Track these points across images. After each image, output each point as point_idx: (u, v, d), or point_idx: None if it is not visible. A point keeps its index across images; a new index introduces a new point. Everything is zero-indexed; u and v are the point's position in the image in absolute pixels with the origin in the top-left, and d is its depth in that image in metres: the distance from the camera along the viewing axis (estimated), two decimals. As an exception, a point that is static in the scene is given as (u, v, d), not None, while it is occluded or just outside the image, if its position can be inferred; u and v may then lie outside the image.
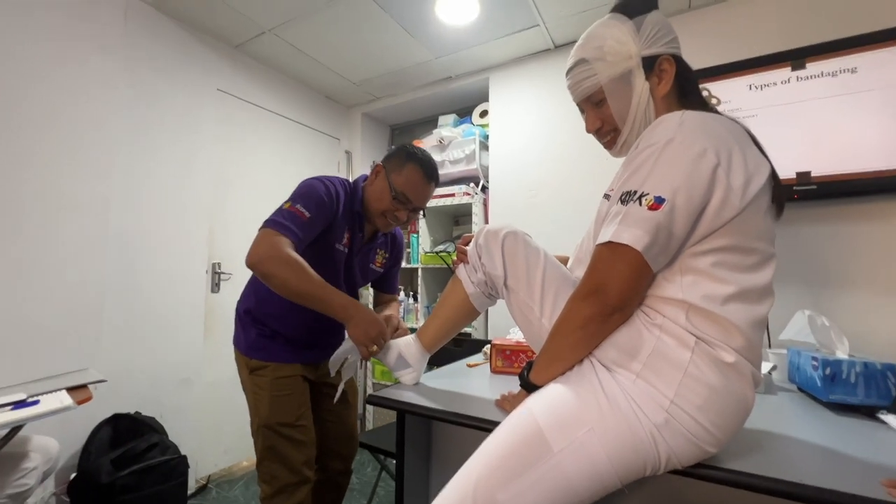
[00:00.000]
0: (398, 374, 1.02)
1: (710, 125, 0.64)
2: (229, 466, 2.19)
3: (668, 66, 0.73)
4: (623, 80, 0.74)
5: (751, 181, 0.62)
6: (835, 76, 1.48)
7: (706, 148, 0.61)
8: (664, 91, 0.74)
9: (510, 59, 2.31)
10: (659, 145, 0.63)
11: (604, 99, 0.76)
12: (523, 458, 0.62)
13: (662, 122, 0.66)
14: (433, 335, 0.98)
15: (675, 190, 0.60)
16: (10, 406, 0.95)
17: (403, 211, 1.17)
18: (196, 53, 2.05)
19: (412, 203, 1.16)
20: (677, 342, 0.61)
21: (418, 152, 1.18)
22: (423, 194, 1.18)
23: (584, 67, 0.76)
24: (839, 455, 0.68)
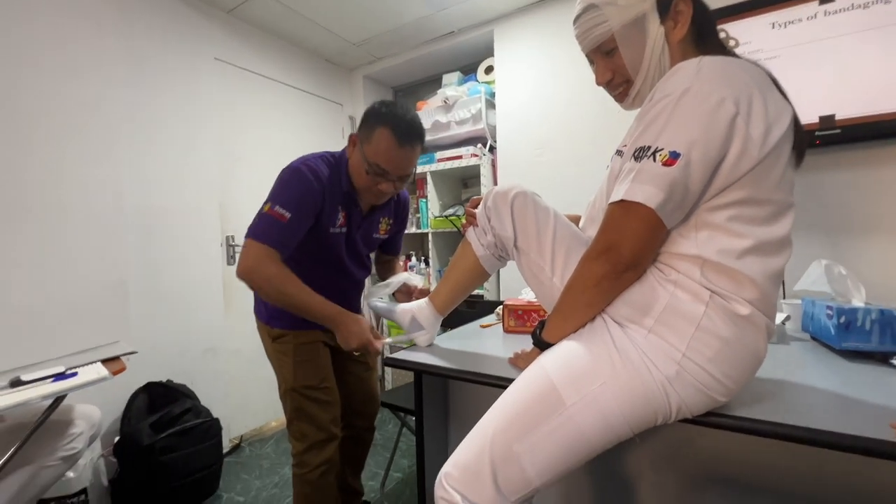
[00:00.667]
0: (412, 336, 1.05)
1: (730, 71, 0.60)
2: (259, 427, 2.32)
3: (685, 6, 0.68)
4: (636, 25, 0.69)
5: (771, 129, 0.59)
6: (867, 7, 1.37)
7: (724, 97, 0.58)
8: (680, 35, 0.69)
9: (515, 9, 2.19)
10: (674, 96, 0.60)
11: (615, 48, 0.72)
12: (538, 412, 0.65)
13: (679, 71, 0.63)
14: (445, 298, 1.00)
15: (692, 144, 0.58)
16: (52, 378, 1.01)
17: (385, 182, 1.07)
18: (190, 21, 1.98)
19: (390, 173, 1.05)
20: (692, 297, 0.61)
21: (389, 112, 1.03)
22: (399, 161, 1.05)
23: (593, 14, 0.71)
24: (850, 401, 0.69)
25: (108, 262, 1.68)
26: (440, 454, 1.15)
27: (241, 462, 2.00)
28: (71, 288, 1.58)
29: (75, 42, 1.61)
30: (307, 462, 1.18)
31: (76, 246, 1.59)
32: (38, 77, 1.51)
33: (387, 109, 1.04)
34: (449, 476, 0.67)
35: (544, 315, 1.21)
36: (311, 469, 1.18)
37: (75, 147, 1.60)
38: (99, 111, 1.67)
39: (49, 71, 1.54)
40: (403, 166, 1.06)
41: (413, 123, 1.05)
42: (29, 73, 1.49)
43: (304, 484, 1.19)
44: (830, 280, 1.03)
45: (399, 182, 1.10)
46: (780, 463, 0.81)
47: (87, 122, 1.63)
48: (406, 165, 1.07)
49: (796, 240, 1.27)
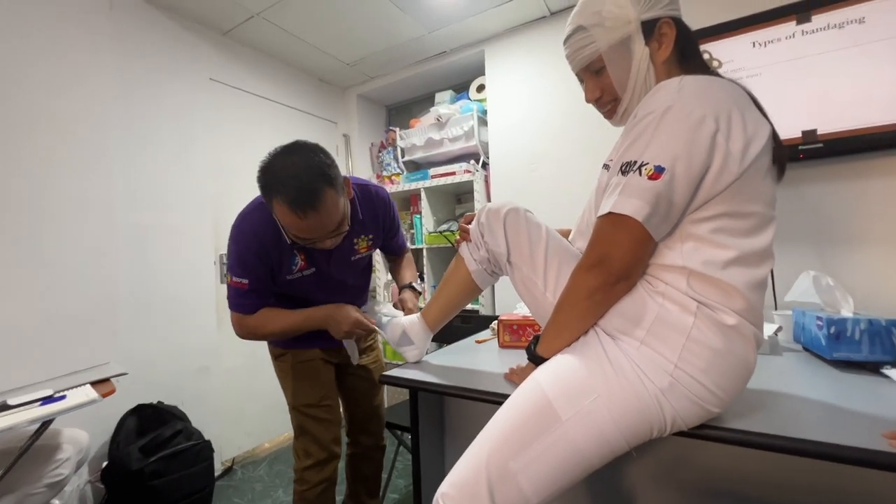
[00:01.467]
0: (401, 350, 1.05)
1: (709, 90, 0.63)
2: (252, 448, 2.27)
3: (668, 29, 0.72)
4: (622, 46, 0.72)
5: (750, 145, 0.61)
6: (842, 28, 1.43)
7: (705, 114, 0.60)
8: (664, 56, 0.72)
9: (505, 30, 2.25)
10: (657, 113, 0.63)
11: (603, 67, 0.75)
12: (533, 428, 0.65)
13: (661, 89, 0.65)
14: (436, 314, 1.01)
15: (675, 158, 0.60)
16: (39, 402, 0.99)
17: (318, 243, 0.97)
18: (185, 42, 2.01)
19: (311, 239, 0.95)
20: (680, 308, 0.62)
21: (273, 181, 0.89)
22: (306, 229, 0.91)
23: (582, 35, 0.75)
24: (842, 411, 0.69)
25: (98, 279, 1.66)
26: (437, 473, 1.13)
27: (233, 486, 1.95)
28: (59, 306, 1.55)
29: (68, 56, 1.61)
30: (307, 479, 1.19)
31: (65, 263, 1.57)
32: (30, 90, 1.51)
33: (270, 178, 0.90)
34: (446, 496, 0.67)
35: (539, 330, 1.21)
36: (311, 486, 1.19)
37: (66, 161, 1.59)
38: (91, 126, 1.66)
39: (41, 84, 1.54)
40: (318, 229, 0.93)
41: (300, 185, 0.87)
42: (20, 86, 1.49)
43: (303, 501, 1.20)
44: (819, 291, 1.04)
45: (333, 236, 0.98)
46: (777, 474, 0.81)
47: (78, 137, 1.63)
48: (320, 227, 0.93)
49: (784, 251, 1.30)
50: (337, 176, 0.94)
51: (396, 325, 1.05)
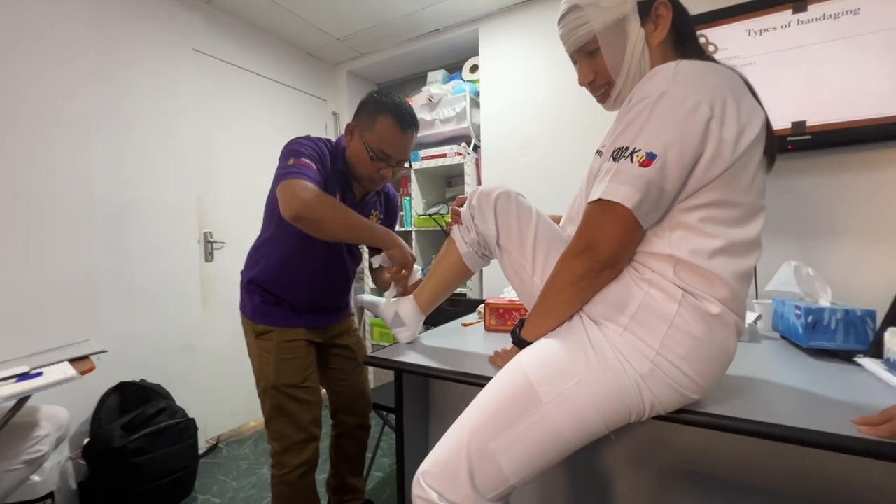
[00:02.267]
0: (395, 331, 1.05)
1: (705, 76, 0.62)
2: (238, 427, 2.28)
3: (665, 10, 0.70)
4: (617, 27, 0.70)
5: (743, 133, 0.61)
6: (837, 18, 1.42)
7: (699, 101, 0.59)
8: (660, 38, 0.71)
9: (500, 8, 2.20)
10: (651, 99, 0.62)
11: (597, 48, 0.73)
12: (514, 410, 0.65)
13: (656, 74, 0.64)
14: (428, 296, 1.01)
15: (668, 145, 0.59)
16: (15, 378, 0.97)
17: (387, 168, 1.12)
18: (167, 10, 1.93)
19: (393, 158, 1.11)
20: (665, 295, 0.63)
21: (388, 100, 1.09)
22: (401, 146, 1.11)
23: (576, 14, 0.73)
24: (816, 397, 0.71)
25: (76, 256, 1.61)
26: (421, 452, 1.14)
27: (218, 463, 1.96)
28: (37, 284, 1.51)
29: (45, 27, 1.54)
30: (286, 463, 1.17)
31: (43, 240, 1.53)
32: (5, 64, 1.44)
33: (386, 98, 1.09)
34: (426, 474, 0.67)
35: (525, 313, 1.22)
36: (290, 470, 1.16)
37: (42, 138, 1.53)
38: (69, 101, 1.60)
39: (14, 59, 1.47)
40: (404, 150, 1.12)
41: (411, 111, 1.11)
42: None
43: (282, 486, 1.17)
44: (799, 281, 1.06)
45: (398, 167, 1.14)
46: (752, 458, 0.84)
47: (56, 111, 1.57)
48: (406, 150, 1.13)
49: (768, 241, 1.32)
50: None
51: (390, 305, 1.06)
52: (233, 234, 2.21)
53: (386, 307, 1.07)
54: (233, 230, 2.21)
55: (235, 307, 1.28)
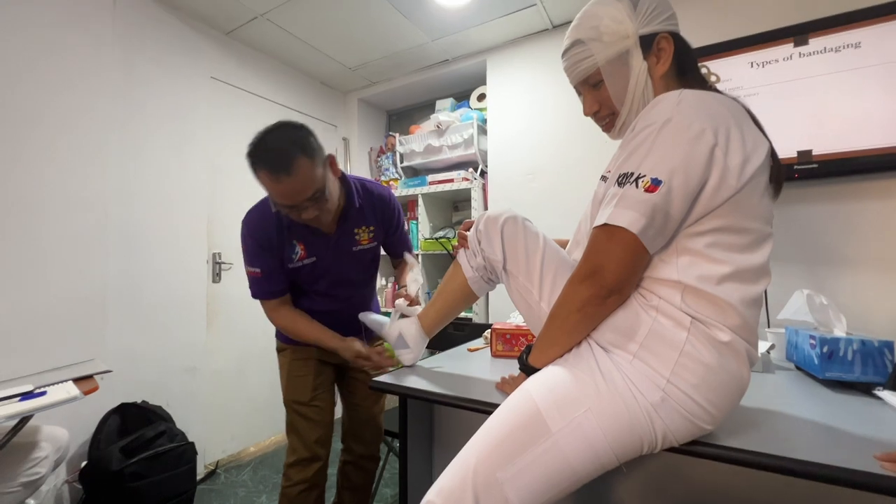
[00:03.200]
0: (397, 353, 1.05)
1: (709, 104, 0.63)
2: (237, 452, 2.23)
3: (666, 44, 0.72)
4: (620, 60, 0.72)
5: (748, 161, 0.61)
6: (838, 52, 1.45)
7: (704, 128, 0.60)
8: (662, 70, 0.72)
9: (508, 41, 2.27)
10: (656, 126, 0.62)
11: (601, 80, 0.75)
12: (522, 439, 0.63)
13: (660, 102, 0.65)
14: (433, 319, 1.01)
15: (672, 171, 0.60)
16: (18, 397, 0.96)
17: (300, 212, 1.01)
18: (188, 41, 2.01)
19: (286, 206, 1.00)
20: (673, 322, 0.62)
21: (255, 150, 0.97)
22: (283, 193, 0.97)
23: (580, 49, 0.75)
24: (834, 431, 0.69)
25: (87, 275, 1.63)
26: (425, 481, 1.11)
27: (215, 489, 1.91)
28: (46, 302, 1.52)
29: (70, 52, 1.61)
30: (290, 476, 1.20)
31: (55, 258, 1.55)
32: (31, 85, 1.51)
33: (254, 149, 0.97)
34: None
35: (532, 339, 1.20)
36: (292, 484, 1.19)
37: (60, 157, 1.58)
38: (89, 121, 1.65)
39: (42, 79, 1.53)
40: (292, 196, 0.97)
41: (275, 150, 0.95)
42: (22, 81, 1.48)
43: (283, 498, 1.20)
44: (812, 310, 1.04)
45: (312, 204, 1.00)
46: (767, 494, 0.80)
47: (76, 132, 1.62)
48: (295, 192, 0.96)
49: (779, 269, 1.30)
50: (315, 148, 1.01)
51: (394, 327, 1.05)
52: (241, 255, 2.22)
53: (390, 328, 1.07)
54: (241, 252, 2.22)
55: (240, 328, 1.30)
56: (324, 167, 1.03)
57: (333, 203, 1.09)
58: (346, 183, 1.17)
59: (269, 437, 2.39)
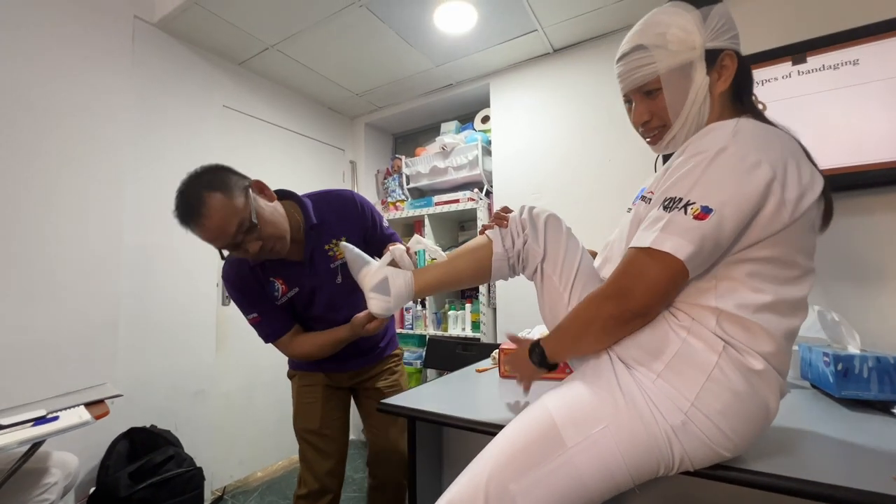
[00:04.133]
0: (370, 295, 0.90)
1: (766, 136, 0.62)
2: (244, 477, 2.20)
3: (730, 62, 0.69)
4: (683, 71, 0.69)
5: (804, 196, 0.60)
6: (837, 69, 1.47)
7: (760, 160, 0.59)
8: (723, 88, 0.70)
9: (510, 65, 2.33)
10: (710, 153, 0.61)
11: (658, 89, 0.71)
12: (536, 452, 0.63)
13: (714, 130, 0.64)
14: (431, 278, 0.88)
15: (725, 202, 0.58)
16: (31, 422, 0.97)
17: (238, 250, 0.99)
18: (201, 71, 2.09)
19: (224, 247, 0.99)
20: (705, 346, 0.60)
21: (175, 207, 0.95)
22: (209, 236, 0.95)
23: (641, 54, 0.71)
24: (853, 451, 0.67)
25: (100, 300, 1.66)
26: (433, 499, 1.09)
27: (222, 516, 1.88)
28: (59, 326, 1.55)
29: (88, 81, 1.68)
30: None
31: (70, 282, 1.58)
32: (46, 112, 1.56)
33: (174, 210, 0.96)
34: None
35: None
36: None
37: (76, 183, 1.63)
38: (104, 147, 1.71)
39: (56, 105, 1.59)
40: (220, 232, 0.94)
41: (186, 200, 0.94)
42: (37, 108, 1.54)
43: None
44: (824, 326, 1.03)
45: (246, 237, 0.97)
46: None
47: (91, 158, 1.67)
48: (220, 230, 0.94)
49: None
50: (226, 181, 0.96)
51: (379, 269, 0.90)
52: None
53: (374, 269, 0.91)
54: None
55: (247, 352, 1.30)
56: (245, 196, 0.97)
57: (278, 228, 1.01)
58: (299, 202, 1.12)
59: (277, 462, 2.36)
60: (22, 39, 1.52)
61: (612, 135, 1.99)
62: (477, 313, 2.35)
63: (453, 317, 2.42)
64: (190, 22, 1.89)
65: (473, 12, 1.89)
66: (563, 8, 1.86)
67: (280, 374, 1.35)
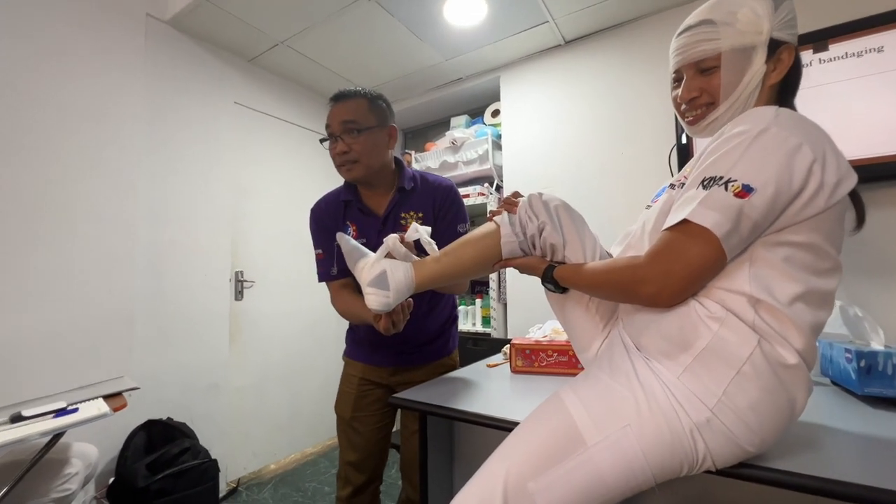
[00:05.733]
0: (367, 290, 0.84)
1: (806, 123, 0.62)
2: (258, 469, 2.24)
3: (787, 56, 0.70)
4: (745, 53, 0.68)
5: (841, 183, 0.59)
6: (860, 56, 1.42)
7: (801, 142, 0.58)
8: (775, 80, 0.70)
9: (520, 58, 2.30)
10: (752, 133, 0.60)
11: (716, 67, 0.70)
12: (555, 449, 0.62)
13: (755, 112, 0.64)
14: (432, 271, 0.84)
15: (767, 181, 0.57)
16: (53, 414, 0.99)
17: (333, 142, 1.12)
18: (213, 68, 2.11)
19: (331, 129, 1.12)
20: (738, 338, 0.58)
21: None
22: (331, 117, 1.12)
23: (708, 28, 0.70)
24: (879, 451, 0.65)
25: (116, 294, 1.69)
26: (445, 498, 1.09)
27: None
28: (78, 320, 1.59)
29: (103, 80, 1.70)
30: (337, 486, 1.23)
31: (86, 278, 1.62)
32: (61, 112, 1.59)
33: None
34: None
35: (551, 355, 1.18)
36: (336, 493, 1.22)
37: (93, 180, 1.66)
38: (119, 145, 1.74)
39: (72, 104, 1.62)
40: (334, 117, 1.11)
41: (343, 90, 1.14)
42: (53, 106, 1.57)
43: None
44: (846, 322, 1.00)
45: (344, 136, 1.09)
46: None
47: (106, 155, 1.70)
48: (335, 116, 1.10)
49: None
50: (379, 104, 1.15)
51: (379, 262, 0.86)
52: (262, 273, 2.27)
53: (371, 261, 0.86)
54: (263, 269, 2.28)
55: (261, 346, 1.30)
56: (377, 118, 1.13)
57: (368, 155, 1.12)
58: (401, 166, 1.23)
59: (290, 455, 2.40)
60: (38, 40, 1.54)
61: (625, 128, 1.96)
62: (487, 308, 2.34)
63: (463, 312, 2.42)
64: (201, 19, 1.90)
65: (483, 5, 1.86)
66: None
67: (292, 368, 1.36)
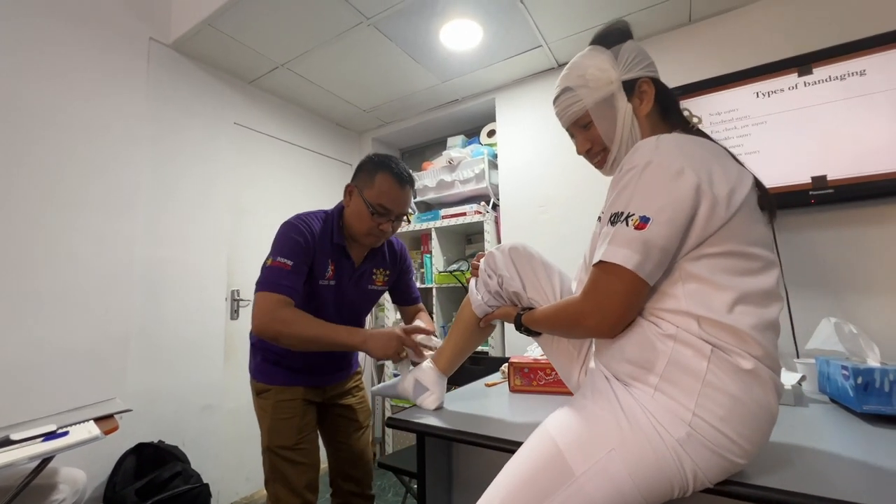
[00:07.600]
0: (419, 400, 1.02)
1: (686, 145, 0.67)
2: (251, 494, 2.18)
3: (648, 87, 0.78)
4: (607, 103, 0.78)
5: (735, 191, 0.64)
6: (843, 79, 1.47)
7: (683, 166, 0.63)
8: (646, 110, 0.78)
9: (515, 80, 2.36)
10: (639, 168, 0.66)
11: (591, 122, 0.80)
12: (545, 482, 0.62)
13: (640, 147, 0.69)
14: (448, 357, 1.02)
15: (660, 208, 0.62)
16: (42, 437, 0.97)
17: (387, 222, 1.15)
18: (214, 90, 2.14)
19: (392, 212, 1.14)
20: (693, 351, 0.61)
21: (385, 159, 1.15)
22: (400, 200, 1.15)
23: (569, 94, 0.81)
24: (878, 469, 0.65)
25: (113, 313, 1.68)
26: (443, 527, 1.06)
27: (228, 535, 1.85)
28: (73, 339, 1.56)
29: (102, 99, 1.72)
30: None
31: (83, 297, 1.60)
32: (63, 131, 1.60)
33: (384, 158, 1.16)
34: None
35: (550, 374, 1.18)
36: None
37: (91, 200, 1.66)
38: (119, 166, 1.75)
39: (76, 124, 1.64)
40: (402, 204, 1.16)
41: (407, 170, 1.18)
42: (57, 125, 1.58)
43: None
44: (842, 339, 1.01)
45: (397, 221, 1.18)
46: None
47: (106, 175, 1.71)
48: (405, 203, 1.17)
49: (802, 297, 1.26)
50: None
51: (408, 377, 1.04)
52: (258, 291, 2.26)
53: (404, 381, 1.04)
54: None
55: (256, 366, 1.28)
56: None
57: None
58: None
59: (283, 479, 2.33)
60: (43, 61, 1.57)
61: (619, 147, 2.00)
62: (485, 327, 2.33)
63: (461, 330, 2.40)
64: (203, 43, 1.95)
65: (479, 30, 1.92)
66: (567, 24, 1.88)
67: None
